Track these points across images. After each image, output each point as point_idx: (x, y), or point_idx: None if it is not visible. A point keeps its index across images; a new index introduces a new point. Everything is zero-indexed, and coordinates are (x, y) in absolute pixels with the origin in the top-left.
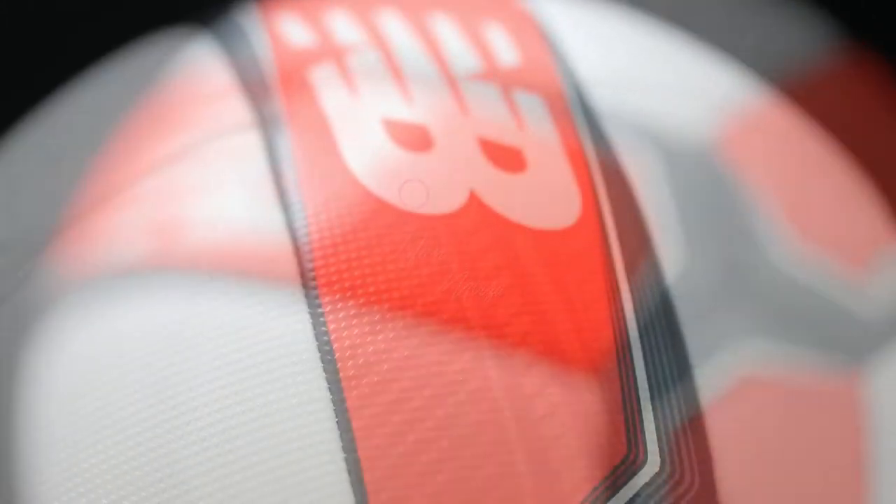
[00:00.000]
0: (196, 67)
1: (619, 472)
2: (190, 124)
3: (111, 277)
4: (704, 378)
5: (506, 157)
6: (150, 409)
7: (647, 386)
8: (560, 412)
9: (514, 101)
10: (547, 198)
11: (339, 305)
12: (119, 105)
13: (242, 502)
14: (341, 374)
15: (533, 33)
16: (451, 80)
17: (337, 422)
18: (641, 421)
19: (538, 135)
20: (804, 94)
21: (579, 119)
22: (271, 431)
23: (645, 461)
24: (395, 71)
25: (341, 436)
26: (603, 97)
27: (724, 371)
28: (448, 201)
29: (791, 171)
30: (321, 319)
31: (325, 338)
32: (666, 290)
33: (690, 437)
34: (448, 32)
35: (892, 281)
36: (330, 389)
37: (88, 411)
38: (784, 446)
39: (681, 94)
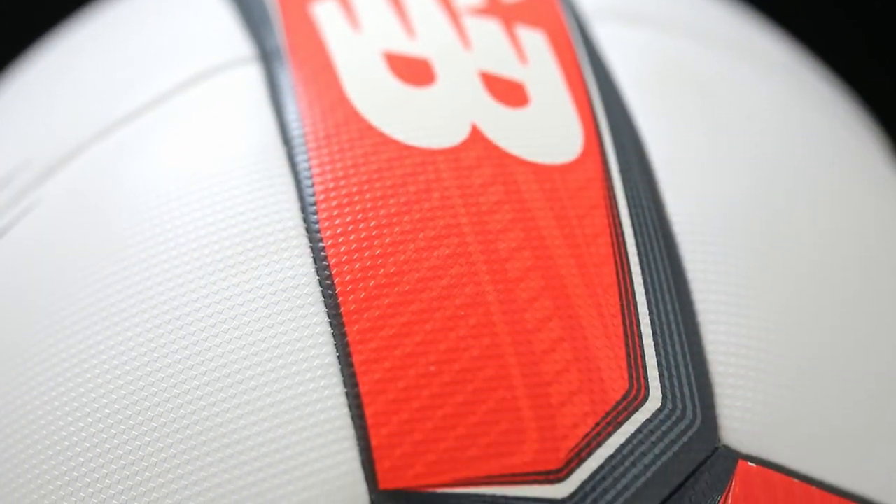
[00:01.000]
0: (196, 1)
1: (621, 408)
2: (191, 58)
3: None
4: (705, 315)
5: (508, 92)
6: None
7: (648, 322)
8: (561, 348)
9: (516, 35)
10: (549, 132)
11: (341, 240)
12: (118, 37)
13: (241, 438)
14: (342, 309)
15: None
16: (454, 15)
17: (338, 356)
18: (643, 357)
19: (540, 69)
20: None
21: (582, 54)
22: (271, 366)
23: (646, 397)
24: (397, 4)
25: (342, 370)
26: (606, 32)
27: (725, 302)
28: (449, 135)
29: None
30: (322, 254)
31: (326, 272)
32: (669, 225)
33: (692, 372)
34: None
35: None
36: (331, 324)
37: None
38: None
39: (686, 28)
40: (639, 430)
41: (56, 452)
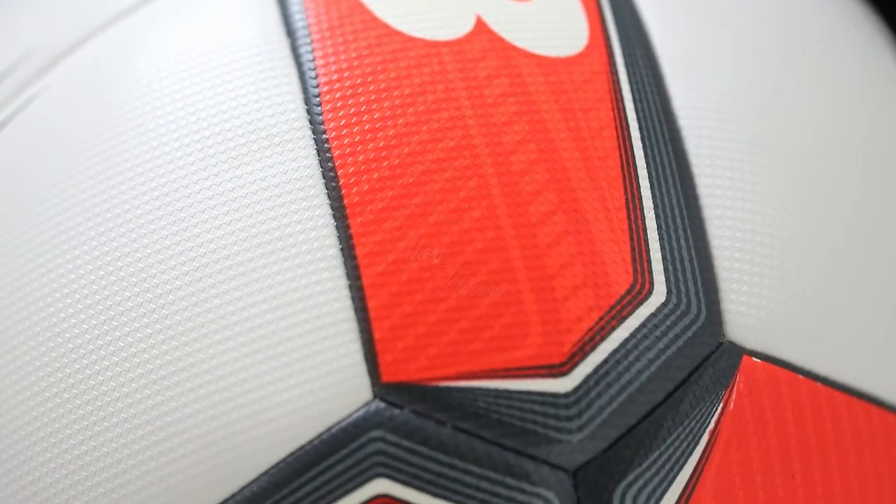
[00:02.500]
0: None
1: (625, 301)
2: None
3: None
4: (710, 209)
5: None
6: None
7: (653, 215)
8: (566, 241)
9: None
10: (554, 25)
11: (344, 132)
12: None
13: (241, 330)
14: (346, 201)
15: None
16: None
17: (341, 249)
18: (648, 251)
19: None
20: None
21: None
22: (273, 258)
23: (651, 291)
24: None
25: (345, 263)
26: None
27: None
28: (454, 27)
29: None
30: (325, 146)
31: (330, 164)
32: (674, 119)
33: (697, 267)
34: None
35: None
36: (334, 216)
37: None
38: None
39: None
40: (643, 325)
41: (57, 334)
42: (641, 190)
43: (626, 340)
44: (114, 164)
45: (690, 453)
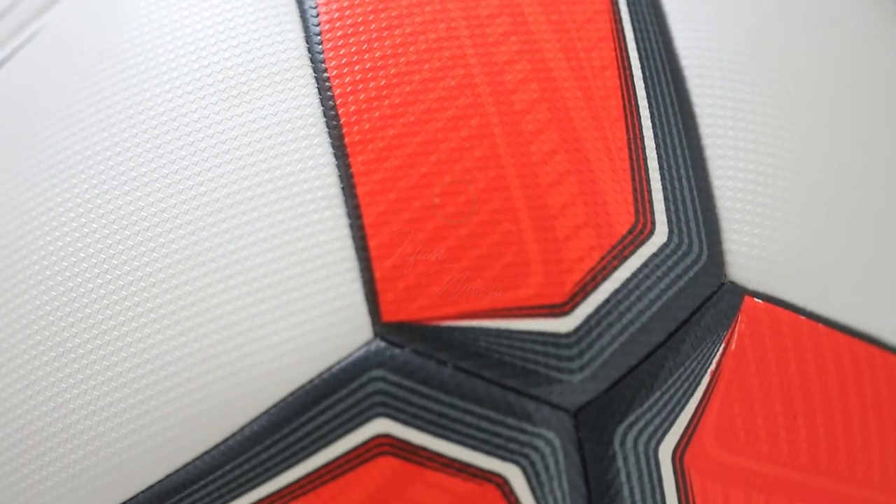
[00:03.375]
0: None
1: (627, 241)
2: None
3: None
4: (713, 150)
5: None
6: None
7: (655, 155)
8: (567, 180)
9: None
10: None
11: (346, 70)
12: None
13: (242, 269)
14: (346, 140)
15: None
16: None
17: (342, 188)
18: (650, 191)
19: None
20: None
21: None
22: (274, 197)
23: (653, 231)
24: None
25: (346, 202)
26: None
27: (732, 137)
28: None
29: None
30: (327, 84)
31: (331, 103)
32: (677, 59)
33: (699, 207)
34: None
35: None
36: (335, 155)
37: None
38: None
39: None
40: (645, 265)
41: (56, 272)
42: (643, 129)
43: (628, 280)
44: (114, 101)
45: (692, 394)
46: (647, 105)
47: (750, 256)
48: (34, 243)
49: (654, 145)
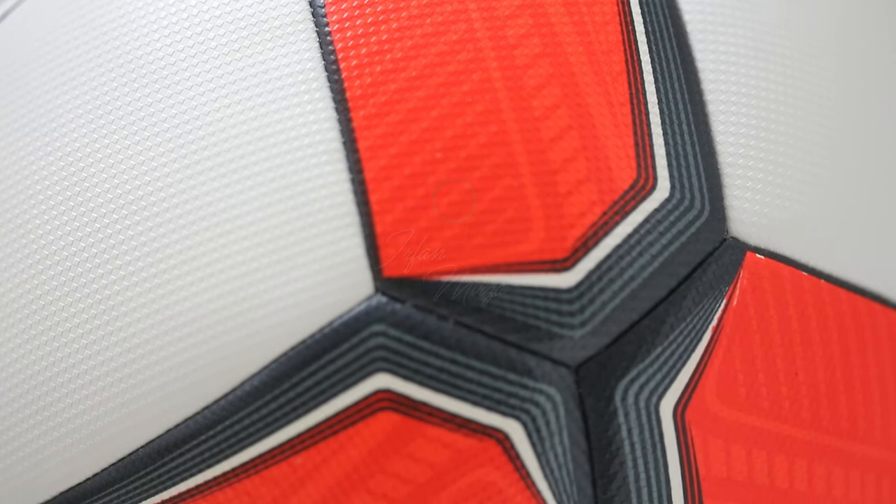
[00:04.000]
0: None
1: (629, 197)
2: None
3: None
4: (715, 105)
5: None
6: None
7: (657, 111)
8: (569, 135)
9: None
10: None
11: (347, 24)
12: None
13: (243, 223)
14: (348, 94)
15: None
16: None
17: (343, 142)
18: (652, 146)
19: None
20: None
21: None
22: (275, 151)
23: (654, 187)
24: None
25: (347, 156)
26: None
27: (735, 93)
28: None
29: None
30: (328, 38)
31: (332, 57)
32: (679, 14)
33: (701, 162)
34: None
35: None
36: (336, 109)
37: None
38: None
39: None
40: (646, 220)
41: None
42: (645, 84)
43: (630, 236)
44: (115, 55)
45: (693, 350)
46: (649, 60)
47: (752, 212)
48: (34, 197)
49: (656, 100)
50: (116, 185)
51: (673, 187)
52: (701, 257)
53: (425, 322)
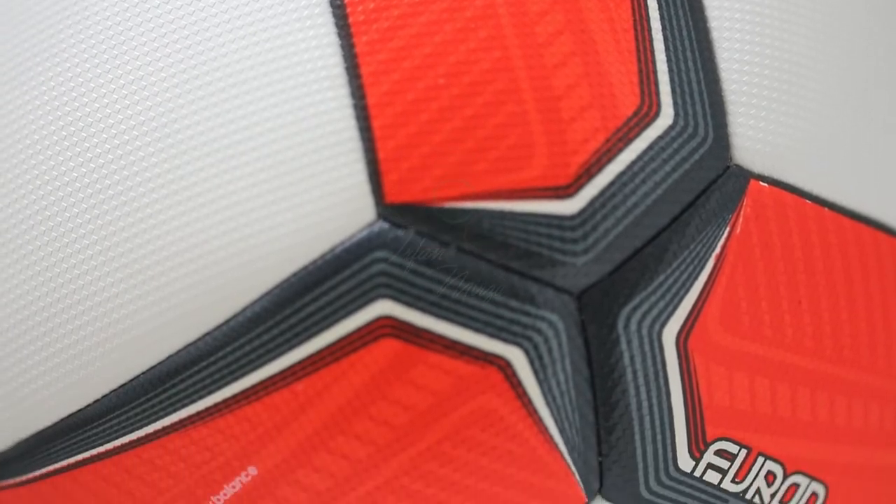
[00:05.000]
0: None
1: (632, 123)
2: None
3: None
4: (719, 32)
5: None
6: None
7: (661, 37)
8: (572, 62)
9: None
10: None
11: None
12: None
13: (245, 149)
14: (351, 20)
15: None
16: None
17: (346, 68)
18: (655, 72)
19: None
20: None
21: None
22: (277, 77)
23: (658, 113)
24: None
25: (350, 82)
26: None
27: (739, 20)
28: None
29: None
30: None
31: None
32: None
33: (705, 89)
34: None
35: None
36: (339, 35)
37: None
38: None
39: None
40: (650, 147)
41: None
42: (649, 10)
43: (633, 163)
44: None
45: (696, 277)
46: None
47: (756, 140)
48: (35, 121)
49: (660, 27)
50: (119, 109)
51: (677, 114)
52: (704, 185)
53: (427, 248)
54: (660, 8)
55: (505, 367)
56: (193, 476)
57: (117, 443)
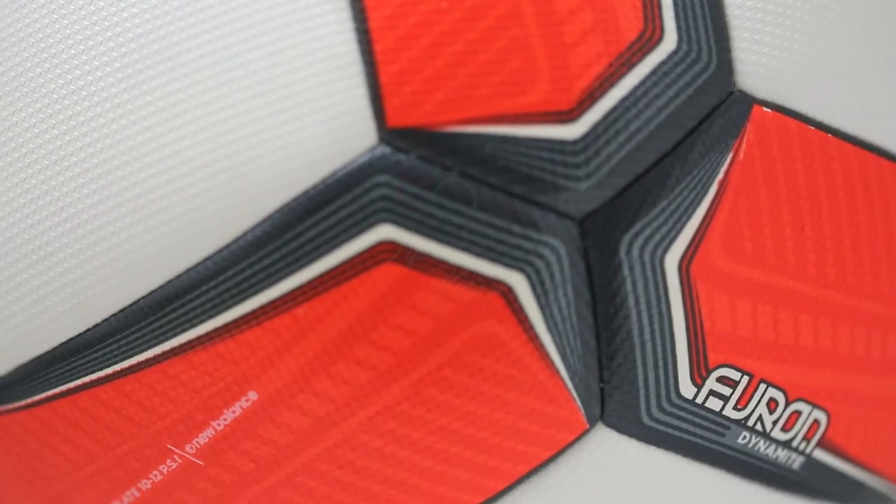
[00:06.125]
0: None
1: (635, 48)
2: None
3: None
4: None
5: None
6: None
7: None
8: None
9: None
10: None
11: None
12: None
13: (248, 72)
14: None
15: None
16: None
17: None
18: None
19: None
20: None
21: None
22: (280, 11)
23: (661, 38)
24: None
25: (351, 5)
26: None
27: None
28: None
29: None
30: None
31: None
32: None
33: (708, 14)
34: None
35: None
36: None
37: None
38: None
39: None
40: (653, 72)
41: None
42: None
43: (636, 88)
44: None
45: (699, 203)
46: None
47: (760, 65)
48: (35, 45)
49: None
50: (119, 32)
51: (680, 39)
52: (707, 110)
53: (429, 173)
54: None
55: (507, 292)
56: (193, 401)
57: (117, 367)
